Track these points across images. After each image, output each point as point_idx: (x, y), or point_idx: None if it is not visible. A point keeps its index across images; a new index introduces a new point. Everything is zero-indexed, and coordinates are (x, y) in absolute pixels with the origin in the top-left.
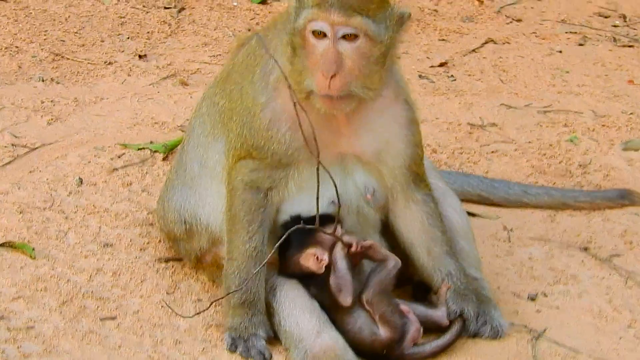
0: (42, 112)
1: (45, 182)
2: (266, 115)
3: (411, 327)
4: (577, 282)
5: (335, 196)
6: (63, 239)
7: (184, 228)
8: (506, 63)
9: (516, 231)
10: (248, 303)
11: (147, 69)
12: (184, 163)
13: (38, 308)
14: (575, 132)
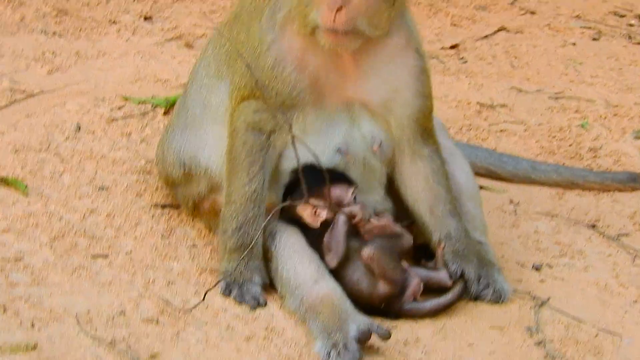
0: (42, 61)
1: (43, 126)
2: (272, 54)
3: (411, 282)
4: (584, 257)
5: (341, 144)
6: (57, 180)
7: (182, 171)
8: (518, 50)
9: (523, 205)
10: (245, 247)
11: (151, 30)
12: (186, 105)
13: (28, 241)
14: (586, 119)
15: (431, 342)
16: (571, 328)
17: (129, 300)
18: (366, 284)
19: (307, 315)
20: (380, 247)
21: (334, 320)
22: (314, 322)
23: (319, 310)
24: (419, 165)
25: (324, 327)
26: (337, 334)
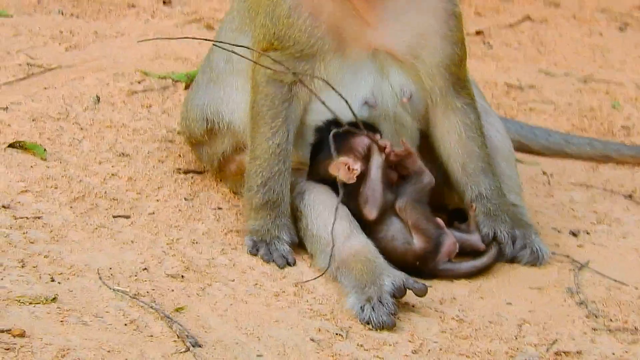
0: (60, 39)
1: (61, 97)
2: (287, 2)
3: (446, 240)
4: (621, 224)
5: (369, 96)
6: (77, 146)
7: (205, 127)
8: (544, 38)
9: (556, 177)
10: (271, 203)
11: (170, 14)
12: (211, 61)
13: (47, 202)
14: (617, 100)
15: (468, 301)
16: (613, 289)
17: (152, 257)
18: (401, 240)
19: (339, 271)
20: (410, 198)
21: (367, 275)
22: (346, 277)
23: (351, 266)
24: (451, 119)
25: (356, 282)
26: (371, 289)
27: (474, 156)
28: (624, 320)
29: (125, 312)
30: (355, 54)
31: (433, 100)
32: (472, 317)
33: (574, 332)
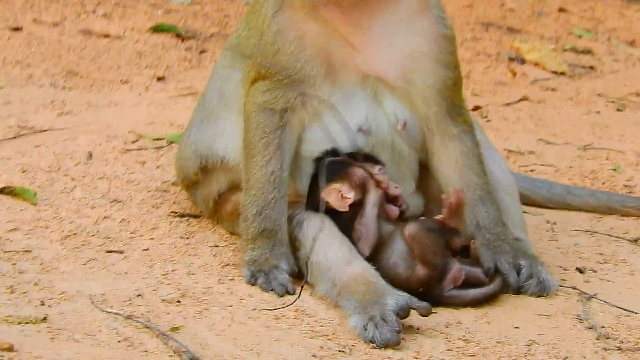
0: (51, 107)
1: (52, 154)
2: (272, 28)
3: (452, 267)
4: (628, 264)
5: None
6: (68, 194)
7: (199, 164)
8: (542, 115)
9: (560, 225)
10: (268, 232)
11: (164, 88)
12: (204, 100)
13: (37, 239)
14: (618, 164)
15: (474, 325)
16: (622, 317)
17: (147, 286)
18: (403, 267)
19: (340, 296)
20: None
21: (369, 296)
22: (347, 301)
23: (352, 290)
24: (449, 146)
25: (358, 304)
26: (374, 308)
27: (472, 185)
28: (635, 342)
29: (118, 331)
30: (345, 79)
31: (429, 127)
32: (480, 338)
33: (584, 351)
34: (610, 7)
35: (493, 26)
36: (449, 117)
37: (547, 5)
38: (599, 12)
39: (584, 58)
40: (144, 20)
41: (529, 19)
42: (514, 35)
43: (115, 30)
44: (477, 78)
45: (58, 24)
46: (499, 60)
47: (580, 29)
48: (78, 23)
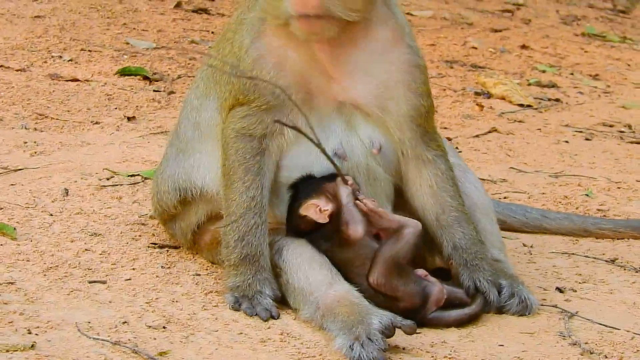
0: (24, 147)
1: (28, 191)
2: (251, 55)
3: (433, 290)
4: (607, 284)
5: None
6: (48, 229)
7: (177, 197)
8: (512, 146)
9: (537, 248)
10: (250, 258)
11: (136, 127)
12: (178, 132)
13: (19, 272)
14: (590, 189)
15: (459, 344)
16: (605, 334)
17: (132, 313)
18: (383, 299)
19: (325, 318)
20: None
21: (354, 316)
22: (332, 322)
23: (336, 311)
24: (422, 171)
25: (343, 325)
26: (359, 328)
27: (447, 207)
28: (619, 357)
29: (106, 357)
30: (321, 105)
31: (404, 153)
32: (465, 356)
33: None
34: (572, 44)
35: (457, 63)
36: (423, 142)
37: (509, 43)
38: (561, 48)
39: (549, 91)
40: (110, 64)
41: (492, 55)
42: (478, 71)
43: (83, 75)
44: (445, 112)
45: (25, 69)
46: (465, 95)
47: (543, 64)
48: (45, 68)
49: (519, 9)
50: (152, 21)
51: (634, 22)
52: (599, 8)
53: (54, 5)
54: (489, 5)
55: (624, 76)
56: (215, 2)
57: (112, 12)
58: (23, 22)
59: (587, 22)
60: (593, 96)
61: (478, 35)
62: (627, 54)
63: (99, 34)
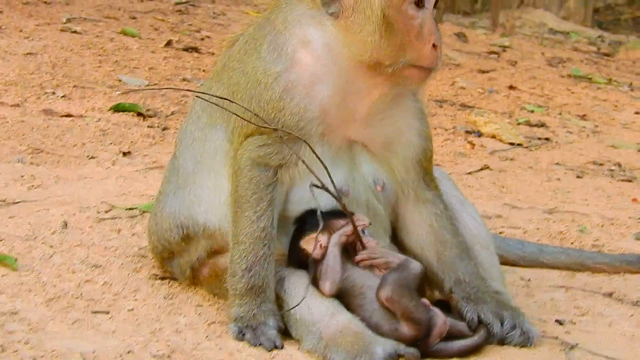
0: (21, 181)
1: (27, 224)
2: (280, 84)
3: (437, 321)
4: (605, 316)
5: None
6: (48, 260)
7: (180, 234)
8: (505, 183)
9: (535, 281)
10: (257, 289)
11: (131, 162)
12: (176, 167)
13: (22, 302)
14: (584, 226)
15: None
16: None
17: (136, 343)
18: (387, 327)
19: (328, 349)
20: (396, 284)
21: (357, 346)
22: (335, 353)
23: (339, 341)
24: (422, 210)
25: (347, 354)
26: (363, 357)
27: (448, 244)
28: None
29: None
30: (335, 141)
31: (405, 192)
32: None
33: None
34: (558, 85)
35: (446, 102)
36: (424, 182)
37: (497, 84)
38: (548, 89)
39: (538, 131)
40: (103, 100)
41: (481, 95)
42: (468, 110)
43: (77, 110)
44: (437, 150)
45: (19, 104)
46: (456, 133)
47: (531, 104)
48: (39, 104)
49: (505, 51)
50: (144, 59)
51: (618, 64)
52: (583, 51)
53: (45, 43)
54: (476, 47)
55: (611, 117)
56: (206, 41)
57: (103, 49)
58: (15, 59)
59: (572, 65)
60: (582, 135)
61: (466, 76)
62: (613, 95)
63: (91, 71)
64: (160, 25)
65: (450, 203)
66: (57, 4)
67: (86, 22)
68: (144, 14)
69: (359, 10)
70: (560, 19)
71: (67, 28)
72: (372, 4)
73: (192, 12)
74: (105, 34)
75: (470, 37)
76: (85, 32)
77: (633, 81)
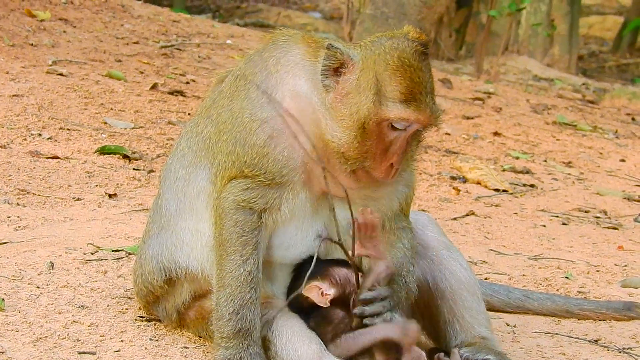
0: (7, 222)
1: (14, 264)
2: (265, 131)
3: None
4: None
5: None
6: (35, 300)
7: (163, 277)
8: (490, 229)
9: (520, 327)
10: (243, 332)
11: (117, 205)
12: (160, 207)
13: (9, 342)
14: (569, 272)
15: None
16: None
17: None
18: None
19: None
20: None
21: None
22: None
23: None
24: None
25: None
26: None
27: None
28: None
29: None
30: (316, 189)
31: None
32: None
33: None
34: (543, 132)
35: (431, 148)
36: (397, 217)
37: (482, 130)
38: (533, 136)
39: (523, 177)
40: (89, 143)
41: (465, 142)
42: (453, 156)
43: (63, 152)
44: (422, 195)
45: (5, 146)
46: (441, 179)
47: (516, 151)
48: (25, 145)
49: (490, 97)
50: (129, 102)
51: (603, 112)
52: (568, 98)
53: (32, 85)
54: (460, 94)
55: (597, 164)
56: (191, 85)
57: (89, 92)
58: (1, 100)
59: (557, 112)
60: (567, 182)
61: (451, 122)
62: (598, 143)
63: (77, 113)
64: (145, 69)
65: (437, 249)
66: (43, 47)
67: (72, 64)
68: (129, 57)
69: (346, 104)
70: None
71: (53, 70)
72: (359, 108)
73: (177, 56)
74: (91, 76)
75: (455, 83)
76: (71, 75)
77: (618, 129)
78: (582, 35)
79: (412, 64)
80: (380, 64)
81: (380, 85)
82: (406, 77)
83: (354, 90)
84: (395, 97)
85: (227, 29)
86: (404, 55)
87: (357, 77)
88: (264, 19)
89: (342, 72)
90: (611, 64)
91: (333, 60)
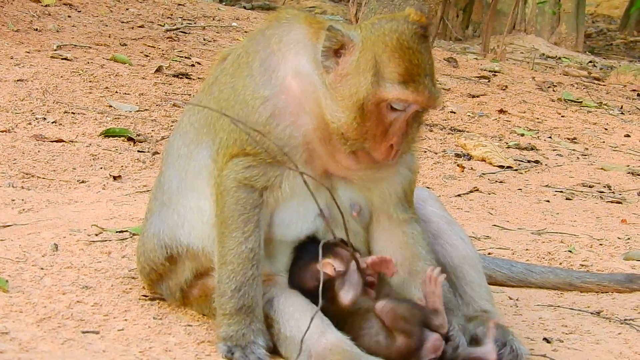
0: (12, 205)
1: (18, 246)
2: (267, 109)
3: (430, 336)
4: (593, 334)
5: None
6: (39, 282)
7: (164, 254)
8: (494, 205)
9: (523, 301)
10: (245, 309)
11: (121, 187)
12: (162, 184)
13: (13, 322)
14: (573, 246)
15: None
16: None
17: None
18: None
19: None
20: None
21: None
22: None
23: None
24: (398, 230)
25: None
26: None
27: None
28: None
29: None
30: (317, 167)
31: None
32: None
33: None
34: (549, 109)
35: (436, 126)
36: (402, 206)
37: (487, 108)
38: (538, 113)
39: (528, 154)
40: (94, 126)
41: (471, 120)
42: (458, 134)
43: (67, 136)
44: (427, 173)
45: (10, 130)
46: (446, 156)
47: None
48: (29, 130)
49: (496, 76)
50: (134, 85)
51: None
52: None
53: (36, 70)
54: (466, 72)
55: (602, 139)
56: (196, 67)
57: (94, 76)
58: (6, 85)
59: (562, 89)
60: (572, 158)
61: (456, 100)
62: (603, 119)
63: (81, 97)
64: (150, 52)
65: (438, 223)
66: (48, 32)
67: (76, 49)
68: (134, 40)
69: (346, 85)
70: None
71: (58, 55)
72: (358, 89)
73: (182, 39)
74: (96, 60)
75: (460, 62)
76: (76, 59)
77: (623, 105)
78: (589, 13)
79: (411, 46)
80: (380, 45)
81: (379, 66)
82: (405, 58)
83: (353, 72)
84: (393, 78)
85: (233, 12)
86: (403, 38)
87: (357, 58)
88: (270, 1)
89: (342, 53)
90: (619, 41)
91: (333, 42)
